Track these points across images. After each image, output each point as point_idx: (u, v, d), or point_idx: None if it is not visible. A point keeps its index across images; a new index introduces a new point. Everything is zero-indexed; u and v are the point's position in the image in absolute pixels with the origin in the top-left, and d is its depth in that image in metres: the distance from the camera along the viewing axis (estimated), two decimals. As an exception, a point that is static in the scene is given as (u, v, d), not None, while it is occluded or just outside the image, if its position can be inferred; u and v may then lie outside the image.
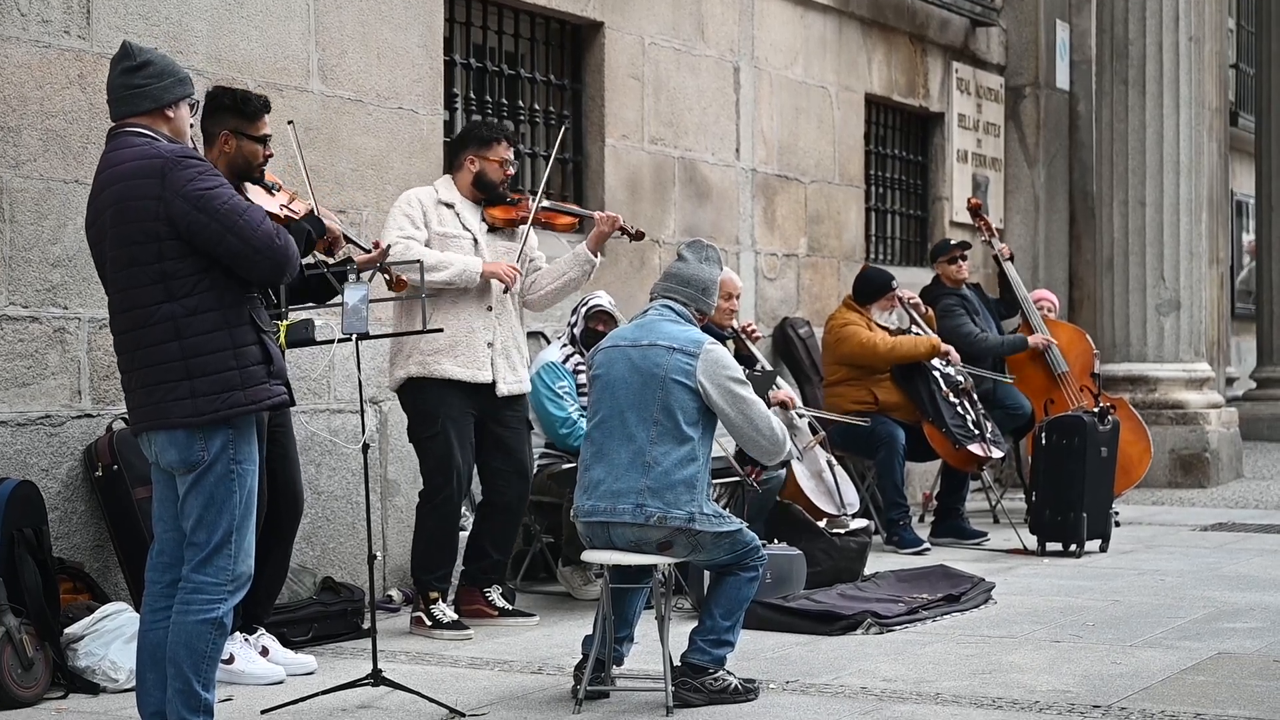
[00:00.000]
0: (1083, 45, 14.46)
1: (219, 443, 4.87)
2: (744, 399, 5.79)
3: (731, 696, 5.79)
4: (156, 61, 5.00)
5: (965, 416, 9.95)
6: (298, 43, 7.65)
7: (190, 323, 4.83)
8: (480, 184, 7.29)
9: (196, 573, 4.90)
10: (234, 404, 4.86)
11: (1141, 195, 13.20)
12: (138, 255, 4.83)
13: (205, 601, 4.89)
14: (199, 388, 4.82)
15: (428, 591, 7.19)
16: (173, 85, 4.99)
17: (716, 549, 5.77)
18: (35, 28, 6.50)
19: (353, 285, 5.82)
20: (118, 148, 4.93)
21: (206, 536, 4.89)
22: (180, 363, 4.83)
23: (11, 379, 6.39)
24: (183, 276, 4.83)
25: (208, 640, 4.89)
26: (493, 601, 7.38)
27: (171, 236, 4.81)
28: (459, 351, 7.14)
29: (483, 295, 7.20)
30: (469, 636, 7.05)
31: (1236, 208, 22.19)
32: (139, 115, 4.95)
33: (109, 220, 4.88)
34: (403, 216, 7.16)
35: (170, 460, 4.92)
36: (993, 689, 6.03)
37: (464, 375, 7.14)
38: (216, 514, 4.89)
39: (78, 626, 6.05)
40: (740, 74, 10.86)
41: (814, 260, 11.70)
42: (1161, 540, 10.29)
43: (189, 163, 4.85)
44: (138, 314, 4.86)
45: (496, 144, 7.31)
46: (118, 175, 4.87)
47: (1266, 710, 5.66)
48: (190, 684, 4.89)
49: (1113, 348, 13.30)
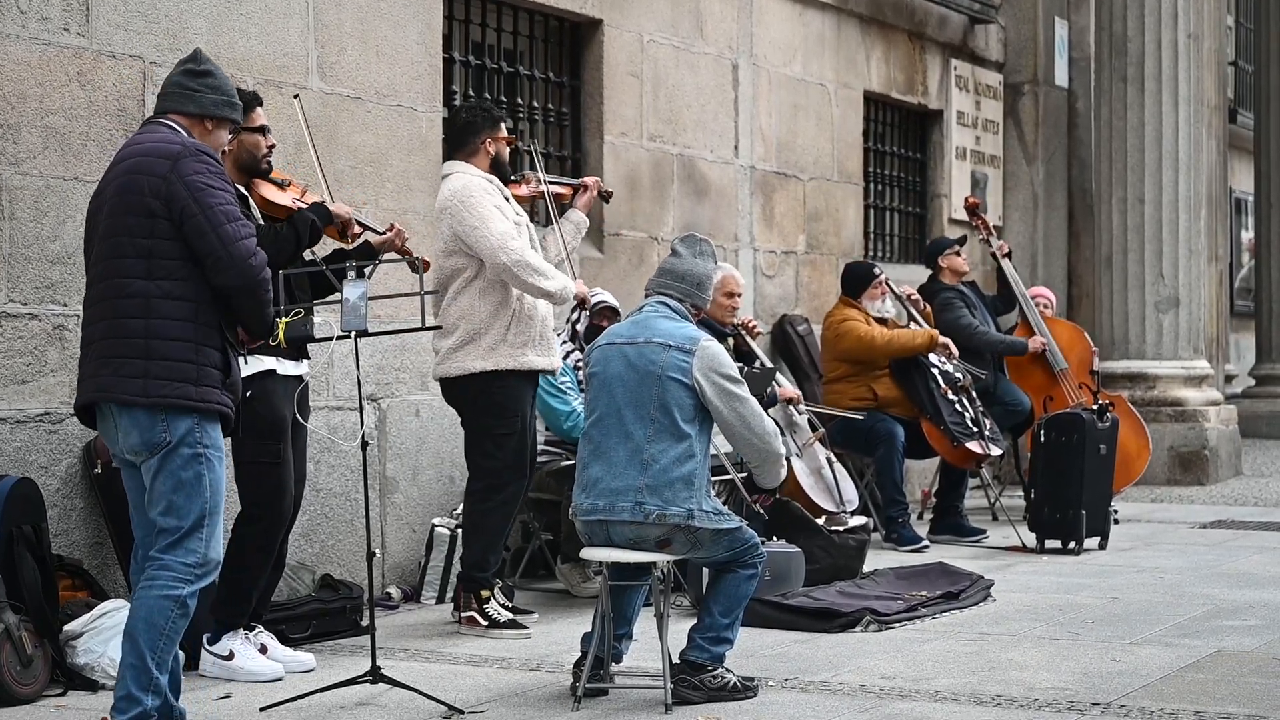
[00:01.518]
0: (1081, 42, 14.47)
1: (184, 425, 4.86)
2: (738, 397, 5.78)
3: (730, 694, 5.79)
4: (218, 77, 5.14)
5: (964, 414, 9.95)
6: (297, 40, 7.65)
7: (161, 305, 4.86)
8: (496, 166, 7.19)
9: (165, 553, 4.87)
10: (184, 395, 4.85)
11: (1140, 192, 13.20)
12: (130, 226, 4.88)
13: (171, 579, 4.86)
14: (153, 370, 4.83)
15: (479, 590, 7.05)
16: (223, 103, 5.12)
17: (715, 546, 5.77)
18: (35, 25, 6.49)
19: (352, 282, 5.81)
20: (146, 133, 5.04)
21: (178, 522, 4.86)
22: (142, 340, 4.85)
23: (11, 376, 6.39)
24: (166, 259, 4.87)
25: (168, 617, 4.85)
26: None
27: (166, 216, 4.87)
28: (538, 342, 7.08)
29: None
30: (529, 635, 6.97)
31: (1235, 205, 22.19)
32: (182, 115, 5.06)
33: (112, 190, 4.95)
34: (495, 210, 6.94)
35: (133, 443, 4.89)
36: (992, 686, 6.03)
37: (544, 364, 7.13)
38: (187, 498, 4.86)
39: (77, 624, 6.04)
40: (739, 71, 10.86)
41: (813, 258, 11.70)
42: (1160, 538, 10.29)
43: (204, 158, 4.93)
44: (114, 284, 4.89)
45: (502, 122, 7.24)
46: (135, 152, 4.97)
47: (1266, 707, 5.66)
48: (145, 659, 4.83)
49: (1111, 345, 13.29)
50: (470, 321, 7.02)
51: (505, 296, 7.01)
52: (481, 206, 6.94)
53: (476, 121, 7.19)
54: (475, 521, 7.12)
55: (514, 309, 7.02)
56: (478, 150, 7.16)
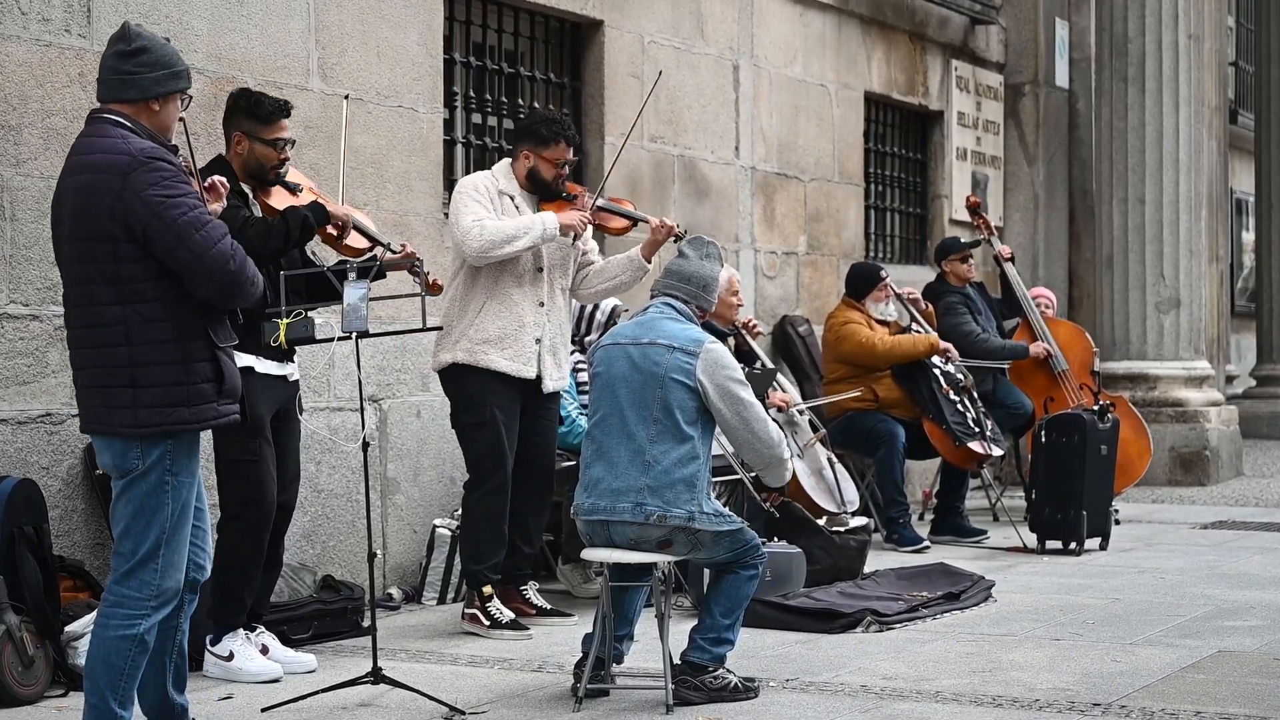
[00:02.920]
0: (1082, 43, 14.47)
1: (156, 454, 4.75)
2: (742, 401, 5.78)
3: (731, 695, 5.79)
4: (153, 50, 4.86)
5: (966, 414, 9.95)
6: (298, 41, 7.65)
7: (142, 331, 4.72)
8: (533, 180, 7.20)
9: (119, 584, 4.78)
10: (177, 420, 4.74)
11: (1141, 193, 13.20)
12: (93, 253, 4.72)
13: (125, 617, 4.77)
14: (142, 398, 4.71)
15: (480, 586, 7.07)
16: (164, 78, 4.85)
17: (716, 547, 5.77)
18: (36, 26, 6.50)
19: (352, 284, 5.81)
20: (92, 134, 4.81)
21: (133, 547, 4.77)
22: (126, 369, 4.72)
23: (12, 377, 6.39)
24: (138, 281, 4.71)
25: (126, 657, 4.76)
26: (530, 599, 7.33)
27: (128, 239, 4.69)
28: (507, 344, 7.07)
29: (535, 290, 7.14)
30: (529, 636, 6.97)
31: (1236, 206, 22.19)
32: (123, 103, 4.84)
33: (68, 210, 4.77)
34: (472, 201, 7.01)
35: (105, 464, 4.84)
36: (992, 687, 6.03)
37: (510, 369, 7.08)
38: (145, 525, 4.76)
39: (78, 624, 6.04)
40: (740, 72, 10.86)
41: (813, 258, 11.70)
42: (1161, 538, 10.29)
43: (155, 164, 4.71)
44: (89, 312, 4.75)
45: (555, 144, 7.17)
46: (84, 165, 4.76)
47: (1267, 708, 5.66)
48: (106, 700, 4.77)
49: (1112, 345, 13.30)
50: (448, 315, 7.13)
51: (474, 291, 7.06)
52: (461, 200, 7.03)
53: (525, 131, 7.25)
54: (464, 516, 7.22)
55: (481, 304, 7.05)
56: (517, 157, 7.24)
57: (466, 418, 7.12)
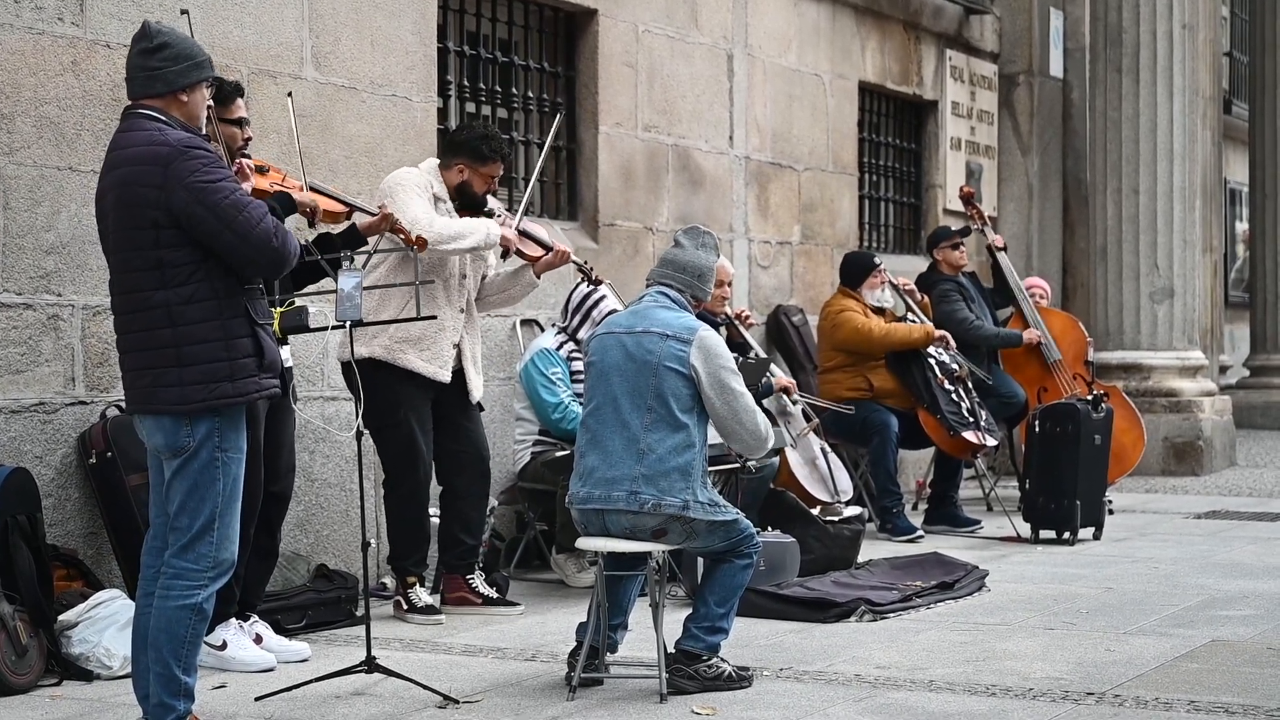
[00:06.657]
0: (1076, 33, 14.47)
1: (204, 429, 4.92)
2: (732, 390, 5.78)
3: (725, 684, 5.80)
4: (174, 44, 5.06)
5: (960, 404, 9.96)
6: (291, 30, 7.64)
7: (184, 311, 4.89)
8: (462, 192, 7.25)
9: (178, 558, 4.96)
10: (221, 395, 4.91)
11: (1135, 183, 13.20)
12: (136, 240, 4.89)
13: (185, 587, 4.94)
14: (188, 376, 4.88)
15: (405, 577, 7.24)
16: (188, 69, 5.04)
17: (711, 536, 5.77)
18: (29, 14, 6.48)
19: (347, 272, 5.81)
20: (128, 129, 4.99)
21: (189, 522, 4.94)
22: (172, 349, 4.89)
23: (5, 366, 6.38)
24: (178, 265, 4.88)
25: (187, 625, 4.94)
26: (476, 588, 7.38)
27: (170, 225, 4.86)
28: (425, 346, 7.11)
29: (457, 295, 7.21)
30: (440, 622, 7.08)
31: (1230, 196, 22.20)
32: (153, 97, 5.01)
33: (110, 203, 4.95)
34: (415, 195, 7.02)
35: (157, 444, 4.99)
36: (986, 676, 6.04)
37: (426, 371, 7.12)
38: (199, 500, 4.94)
39: (72, 614, 6.04)
40: (734, 61, 10.85)
41: (808, 248, 11.70)
42: (1155, 528, 10.30)
43: (195, 153, 4.89)
44: (135, 298, 4.93)
45: (492, 162, 7.24)
46: (124, 159, 4.94)
47: (1260, 697, 5.67)
48: (170, 668, 4.93)
49: (1106, 335, 13.30)
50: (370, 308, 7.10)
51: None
52: (406, 190, 7.04)
53: (463, 145, 7.27)
54: (386, 515, 7.41)
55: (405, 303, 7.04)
56: (450, 167, 7.28)
57: (380, 419, 7.12)
